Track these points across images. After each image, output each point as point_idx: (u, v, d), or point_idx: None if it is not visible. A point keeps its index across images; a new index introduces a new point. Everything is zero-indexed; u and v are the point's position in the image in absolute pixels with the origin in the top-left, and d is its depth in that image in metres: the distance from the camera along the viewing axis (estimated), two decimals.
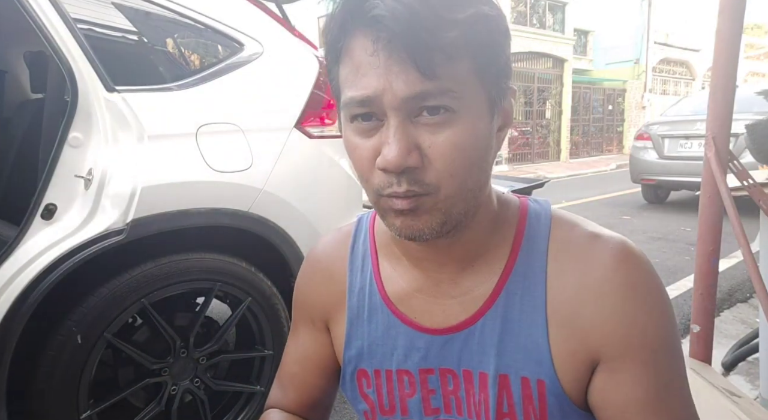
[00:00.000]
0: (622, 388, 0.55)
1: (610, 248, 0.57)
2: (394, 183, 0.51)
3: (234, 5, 1.90)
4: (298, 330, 0.75)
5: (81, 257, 1.40)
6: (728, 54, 1.65)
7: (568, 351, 0.56)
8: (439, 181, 0.51)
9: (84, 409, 1.48)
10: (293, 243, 1.79)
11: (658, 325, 0.56)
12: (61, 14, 1.46)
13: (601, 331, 0.55)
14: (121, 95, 1.52)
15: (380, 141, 0.51)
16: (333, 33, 0.52)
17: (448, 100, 0.49)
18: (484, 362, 0.59)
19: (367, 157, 0.52)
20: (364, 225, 0.71)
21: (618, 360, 0.55)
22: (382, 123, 0.51)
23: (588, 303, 0.56)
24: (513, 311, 0.58)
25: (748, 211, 1.81)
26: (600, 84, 17.55)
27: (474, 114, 0.51)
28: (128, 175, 1.48)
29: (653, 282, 0.57)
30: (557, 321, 0.57)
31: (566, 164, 14.29)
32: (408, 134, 0.50)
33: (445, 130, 0.50)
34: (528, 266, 0.59)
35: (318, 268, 0.72)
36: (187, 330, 1.68)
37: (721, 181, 1.64)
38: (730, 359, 2.31)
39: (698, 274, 1.77)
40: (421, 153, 0.50)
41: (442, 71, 0.48)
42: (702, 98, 6.32)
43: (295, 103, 1.87)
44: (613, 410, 0.56)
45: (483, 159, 0.53)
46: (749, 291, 3.34)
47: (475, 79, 0.51)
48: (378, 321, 0.65)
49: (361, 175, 0.54)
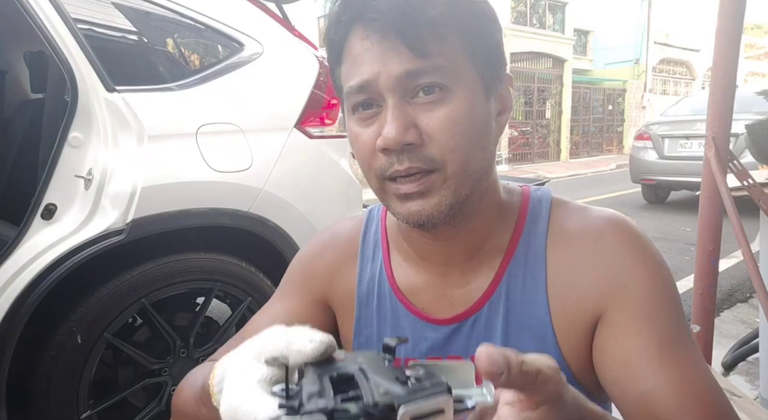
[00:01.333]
0: (622, 341, 0.54)
1: (602, 216, 0.60)
2: (395, 162, 0.52)
3: (234, 5, 1.89)
4: (287, 296, 0.71)
5: (81, 257, 1.40)
6: (728, 54, 1.65)
7: (567, 321, 0.57)
8: (443, 155, 0.52)
9: (84, 409, 1.48)
10: (293, 243, 1.79)
11: (654, 277, 0.56)
12: (61, 14, 1.46)
13: (597, 290, 0.56)
14: (121, 95, 1.52)
15: (380, 125, 0.53)
16: (332, 33, 0.55)
17: (439, 77, 0.51)
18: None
19: (369, 142, 0.54)
20: (375, 216, 0.71)
21: (615, 313, 0.55)
22: (381, 109, 0.53)
23: (582, 266, 0.57)
24: (515, 293, 0.59)
25: (748, 211, 1.81)
26: (600, 84, 17.55)
27: (468, 91, 0.53)
28: (128, 175, 1.48)
29: (645, 240, 0.58)
30: (556, 292, 0.58)
31: (566, 164, 14.29)
32: (405, 113, 0.52)
33: (442, 107, 0.52)
34: (529, 247, 0.60)
35: (333, 244, 0.71)
36: (187, 330, 1.68)
37: (721, 181, 1.64)
38: (730, 359, 2.31)
39: (698, 274, 1.77)
40: (420, 130, 0.52)
41: (433, 49, 0.50)
42: (702, 98, 6.32)
43: (295, 103, 1.87)
44: (616, 366, 0.54)
45: (483, 137, 0.55)
46: (749, 291, 3.34)
47: (466, 57, 0.53)
48: (386, 311, 0.65)
49: (364, 161, 0.55)
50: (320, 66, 1.95)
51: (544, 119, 15.20)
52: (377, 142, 0.52)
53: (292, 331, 0.39)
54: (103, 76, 1.50)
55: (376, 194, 0.57)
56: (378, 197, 0.58)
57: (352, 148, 0.57)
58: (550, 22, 15.11)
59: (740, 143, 4.38)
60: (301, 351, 0.36)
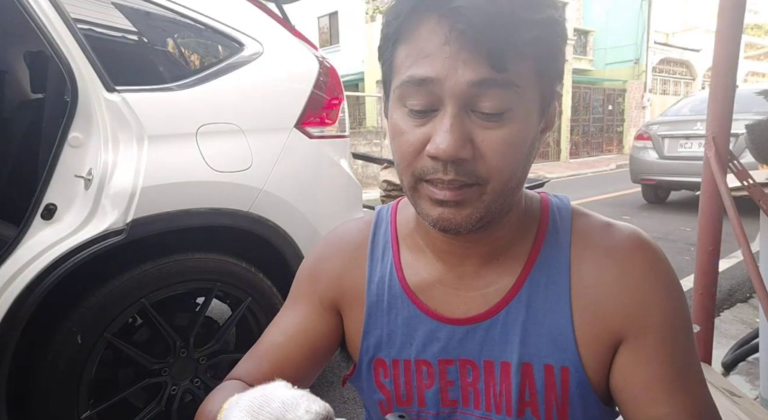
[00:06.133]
0: (644, 366, 0.56)
1: (626, 235, 0.60)
2: (441, 170, 0.51)
3: (234, 5, 1.90)
4: (297, 304, 0.71)
5: (81, 257, 1.40)
6: (728, 54, 1.65)
7: (592, 335, 0.58)
8: (489, 173, 0.51)
9: (84, 409, 1.48)
10: (293, 243, 1.79)
11: (677, 304, 0.58)
12: (61, 14, 1.46)
13: (623, 311, 0.57)
14: (121, 95, 1.52)
15: (433, 128, 0.51)
16: (401, 13, 0.51)
17: (509, 96, 0.49)
18: (506, 352, 0.60)
19: (417, 143, 0.52)
20: (384, 216, 0.71)
21: (640, 337, 0.57)
22: (436, 113, 0.51)
23: (610, 285, 0.58)
24: (537, 300, 0.59)
25: (748, 211, 1.81)
26: (600, 84, 17.55)
27: (527, 113, 0.52)
28: (128, 175, 1.48)
29: (667, 264, 0.60)
30: (581, 307, 0.58)
31: (566, 164, 14.28)
32: (463, 125, 0.50)
33: (501, 127, 0.50)
34: (551, 256, 0.60)
35: (338, 249, 0.71)
36: (187, 330, 1.68)
37: (721, 181, 1.64)
38: (730, 359, 2.31)
39: (698, 274, 1.77)
40: (474, 145, 0.50)
41: (509, 66, 0.48)
42: (702, 98, 6.32)
43: (295, 103, 1.87)
44: (636, 388, 0.56)
45: (528, 158, 0.55)
46: (749, 291, 3.34)
47: (535, 79, 0.51)
48: (398, 311, 0.65)
49: (404, 158, 0.54)
50: (320, 66, 1.95)
51: None
52: (428, 148, 0.51)
53: (291, 397, 0.39)
54: (103, 76, 1.50)
55: (405, 190, 0.57)
56: (407, 194, 0.57)
57: (394, 138, 0.54)
58: None
59: (740, 143, 4.38)
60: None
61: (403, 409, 0.66)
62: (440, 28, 0.48)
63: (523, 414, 0.59)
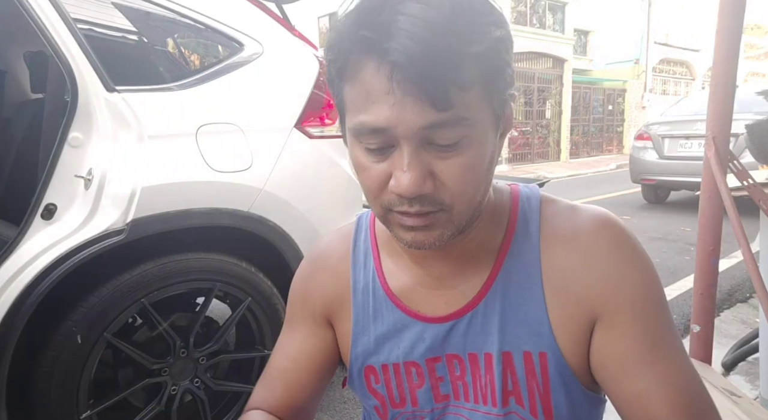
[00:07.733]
0: (618, 343, 0.57)
1: (590, 216, 0.61)
2: (406, 203, 0.52)
3: (234, 5, 1.89)
4: (294, 326, 0.73)
5: (81, 257, 1.40)
6: (728, 54, 1.65)
7: (565, 317, 0.59)
8: (452, 199, 0.52)
9: (84, 409, 1.48)
10: (293, 243, 1.79)
11: (646, 278, 0.59)
12: (61, 14, 1.46)
13: (594, 290, 0.58)
14: (121, 95, 1.52)
15: (392, 164, 0.51)
16: (342, 52, 0.50)
17: (461, 129, 0.49)
18: (488, 342, 0.61)
19: (380, 179, 0.52)
20: (364, 223, 0.72)
21: (613, 315, 0.58)
22: (393, 149, 0.51)
23: (579, 266, 0.59)
24: (511, 289, 0.61)
25: (748, 211, 1.81)
26: (600, 84, 17.54)
27: (483, 134, 0.52)
28: (128, 175, 1.48)
29: (635, 241, 0.61)
30: (552, 290, 0.59)
31: (566, 164, 14.29)
32: (422, 161, 0.50)
33: (458, 155, 0.51)
34: (522, 245, 0.61)
35: (321, 265, 0.73)
36: (187, 330, 1.68)
37: (721, 181, 1.64)
38: (730, 359, 2.31)
39: (698, 274, 1.77)
40: (434, 177, 0.51)
41: (455, 101, 0.48)
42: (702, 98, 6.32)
43: (295, 103, 1.87)
44: (613, 366, 0.57)
45: (489, 170, 0.55)
46: (749, 291, 3.34)
47: (484, 101, 0.51)
48: (383, 316, 0.66)
49: (370, 192, 0.55)
50: (320, 66, 1.95)
51: (544, 119, 15.19)
52: (391, 185, 0.51)
53: None
54: (103, 76, 1.50)
55: (378, 218, 0.58)
56: (380, 221, 0.58)
57: (358, 173, 0.55)
58: (550, 22, 15.09)
59: (740, 143, 4.38)
60: None
61: (399, 412, 0.67)
62: (380, 73, 0.47)
63: (507, 404, 0.60)
